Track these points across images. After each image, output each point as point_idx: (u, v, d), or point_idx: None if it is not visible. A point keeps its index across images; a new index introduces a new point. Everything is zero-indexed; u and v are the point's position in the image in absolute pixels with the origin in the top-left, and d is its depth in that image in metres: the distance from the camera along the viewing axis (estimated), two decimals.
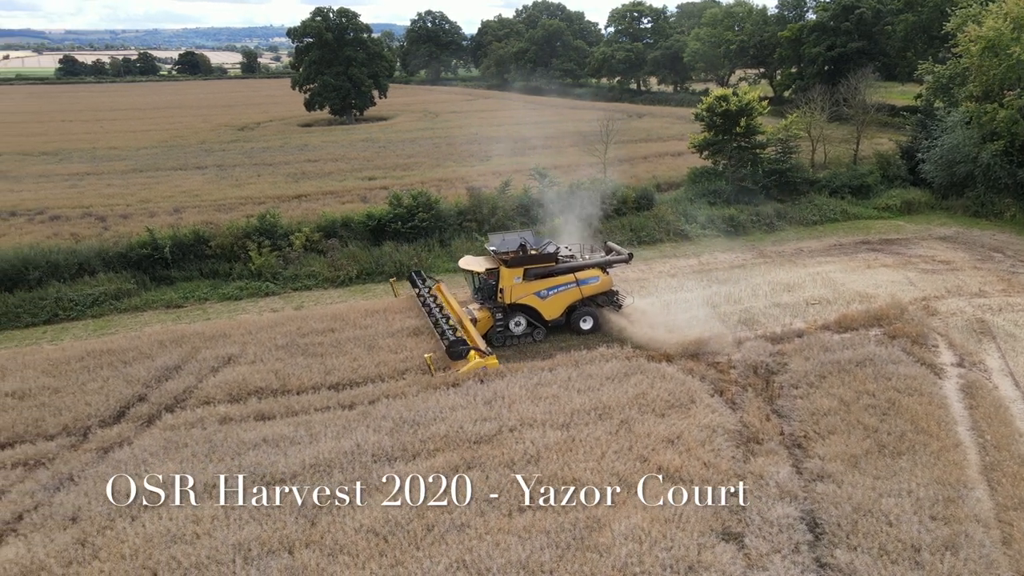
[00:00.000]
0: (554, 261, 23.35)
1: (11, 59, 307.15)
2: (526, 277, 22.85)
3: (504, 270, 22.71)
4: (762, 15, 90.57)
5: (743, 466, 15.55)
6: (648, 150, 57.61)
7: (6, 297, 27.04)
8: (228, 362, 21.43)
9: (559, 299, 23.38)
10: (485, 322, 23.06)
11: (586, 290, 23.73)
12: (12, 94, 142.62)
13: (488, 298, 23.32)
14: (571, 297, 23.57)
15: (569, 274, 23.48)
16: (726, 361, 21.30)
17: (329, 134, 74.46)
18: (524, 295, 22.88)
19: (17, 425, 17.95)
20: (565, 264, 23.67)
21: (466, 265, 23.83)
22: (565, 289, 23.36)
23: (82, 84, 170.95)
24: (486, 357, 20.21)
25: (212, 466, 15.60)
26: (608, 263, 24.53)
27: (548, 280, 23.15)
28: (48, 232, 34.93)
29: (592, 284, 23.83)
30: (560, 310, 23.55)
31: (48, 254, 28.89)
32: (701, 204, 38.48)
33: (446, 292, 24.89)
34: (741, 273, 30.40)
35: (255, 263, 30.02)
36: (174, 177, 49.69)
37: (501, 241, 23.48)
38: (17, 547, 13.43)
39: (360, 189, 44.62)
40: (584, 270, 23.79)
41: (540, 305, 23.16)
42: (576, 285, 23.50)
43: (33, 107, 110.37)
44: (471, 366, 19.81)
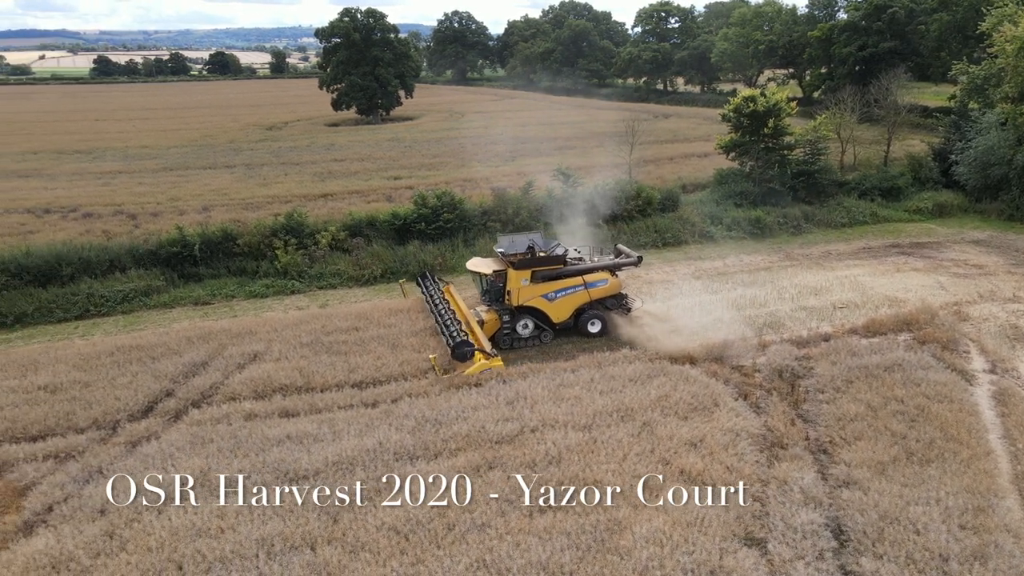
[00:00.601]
0: (562, 263, 23.19)
1: (47, 59, 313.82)
2: (534, 279, 22.75)
3: (511, 272, 22.61)
4: (792, 15, 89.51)
5: (767, 471, 15.38)
6: (674, 151, 57.23)
7: (40, 292, 27.64)
8: (254, 359, 21.69)
9: (567, 302, 23.24)
10: (492, 324, 22.98)
11: (594, 293, 23.58)
12: (48, 94, 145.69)
13: (495, 300, 23.20)
14: (579, 300, 23.43)
15: (577, 276, 23.34)
16: (751, 364, 21.08)
17: (355, 134, 75.02)
18: (531, 297, 22.79)
19: (49, 418, 18.34)
20: (573, 267, 23.50)
21: (473, 267, 23.79)
22: (573, 292, 23.21)
23: (115, 84, 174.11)
24: (491, 359, 20.13)
25: (237, 462, 15.80)
26: (617, 266, 24.34)
27: (556, 282, 23.01)
28: (81, 229, 35.62)
29: (601, 287, 23.66)
30: (568, 313, 23.41)
31: (81, 251, 29.47)
32: (727, 206, 38.14)
33: (454, 294, 24.92)
34: (767, 276, 30.07)
35: (281, 261, 30.35)
36: (203, 176, 50.40)
37: (510, 243, 23.36)
38: (47, 538, 13.71)
39: (385, 188, 44.89)
40: (592, 273, 23.64)
41: (548, 307, 23.05)
42: (584, 288, 23.37)
43: (68, 106, 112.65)
44: (475, 368, 19.75)
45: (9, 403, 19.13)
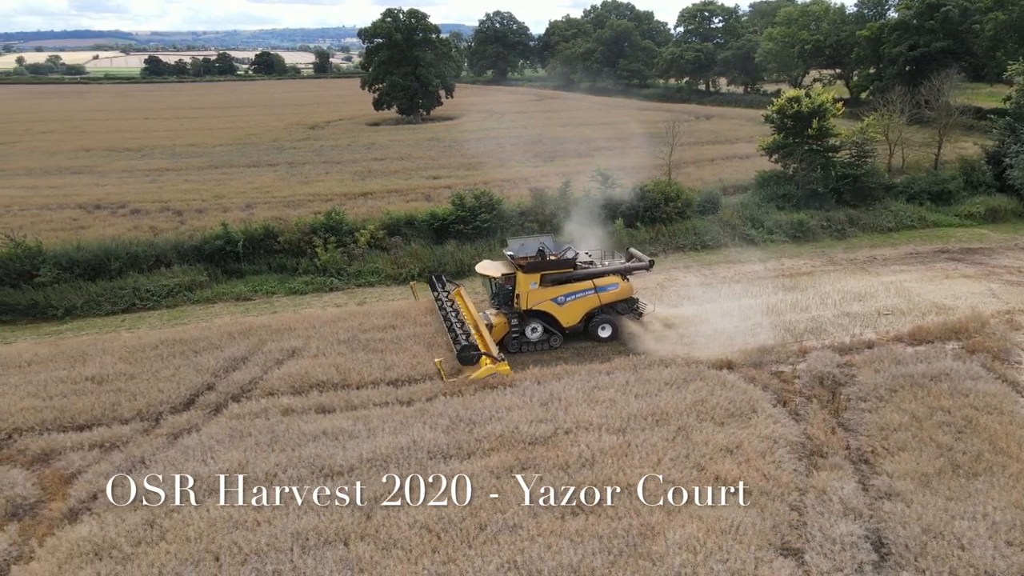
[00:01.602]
0: (572, 267, 22.94)
1: (100, 59, 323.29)
2: (543, 283, 22.54)
3: (520, 275, 22.43)
4: (840, 14, 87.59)
5: (805, 479, 15.06)
6: (715, 152, 56.50)
7: (89, 286, 28.46)
8: (292, 355, 22.01)
9: (577, 306, 22.98)
10: (501, 328, 22.85)
11: (605, 297, 23.27)
12: (101, 93, 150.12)
13: (504, 303, 23.05)
14: (589, 304, 23.14)
15: (587, 280, 23.06)
16: (790, 371, 20.68)
17: (396, 133, 75.70)
18: (541, 301, 22.58)
19: (95, 408, 18.87)
20: (583, 270, 23.23)
21: (483, 270, 23.60)
22: (583, 296, 22.95)
23: (165, 84, 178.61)
24: (498, 363, 19.97)
25: (273, 456, 16.05)
26: (628, 270, 24.04)
27: (565, 286, 22.79)
28: (129, 225, 36.60)
29: (611, 291, 23.36)
30: (578, 317, 23.13)
31: (128, 246, 30.30)
32: (768, 208, 37.50)
33: (464, 297, 24.90)
34: (809, 280, 29.48)
35: (321, 259, 30.77)
36: (247, 174, 51.37)
37: (520, 246, 23.23)
38: (91, 525, 14.09)
39: (424, 188, 45.19)
40: (603, 277, 23.35)
41: (557, 311, 22.80)
42: (594, 292, 23.09)
43: (119, 105, 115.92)
44: (481, 372, 19.59)
45: (58, 393, 19.74)
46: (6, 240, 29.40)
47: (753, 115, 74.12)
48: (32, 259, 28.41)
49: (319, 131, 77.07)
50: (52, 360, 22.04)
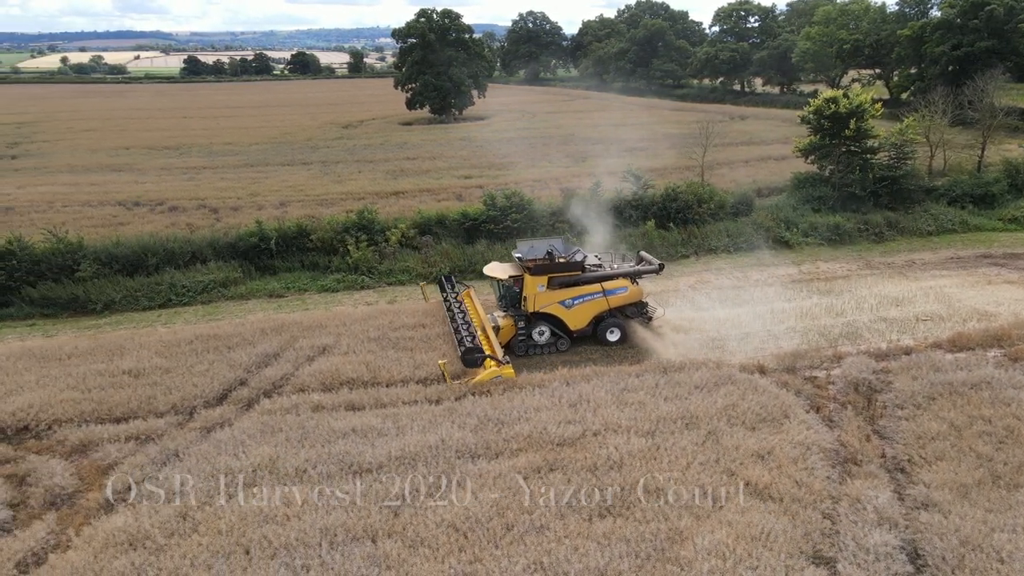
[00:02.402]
0: (580, 270, 22.73)
1: (141, 59, 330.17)
2: (550, 285, 22.38)
3: (528, 278, 22.30)
4: (880, 12, 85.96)
5: (838, 487, 14.77)
6: (749, 153, 55.80)
7: (127, 281, 29.08)
8: (323, 352, 22.22)
9: (585, 309, 22.77)
10: (508, 330, 22.71)
11: (613, 300, 22.98)
12: (141, 92, 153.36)
13: (512, 306, 22.94)
14: (598, 307, 22.90)
15: (596, 284, 22.81)
16: (824, 376, 20.32)
17: (428, 133, 76.10)
18: (548, 304, 22.40)
19: (132, 401, 19.25)
20: (592, 273, 22.98)
21: (490, 272, 23.47)
22: (591, 299, 22.73)
23: (203, 83, 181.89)
24: (502, 366, 19.78)
25: (304, 452, 16.22)
26: (637, 273, 23.66)
27: (573, 289, 22.60)
28: (167, 222, 37.33)
29: (620, 294, 23.04)
30: (586, 320, 22.90)
31: (166, 242, 30.90)
32: (804, 211, 36.90)
33: (473, 298, 24.82)
34: (845, 284, 28.95)
35: (352, 257, 31.04)
36: (282, 172, 52.06)
37: (529, 248, 23.02)
38: (126, 516, 14.37)
39: (456, 187, 45.35)
40: (612, 280, 23.05)
41: (565, 315, 22.59)
42: (603, 295, 22.83)
43: (159, 104, 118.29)
44: (485, 375, 19.48)
45: (96, 385, 20.18)
46: (49, 235, 30.17)
47: (789, 116, 73.07)
48: (73, 254, 29.12)
49: (352, 130, 77.80)
50: (91, 353, 22.54)
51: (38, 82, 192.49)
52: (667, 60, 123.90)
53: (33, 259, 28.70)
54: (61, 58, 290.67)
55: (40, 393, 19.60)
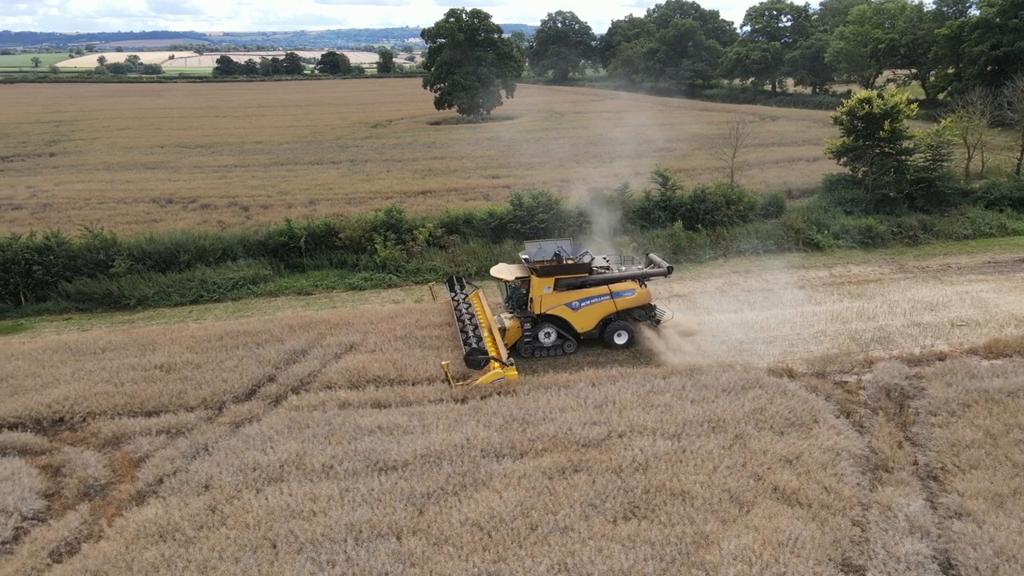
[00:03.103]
0: (587, 272, 22.52)
1: (176, 59, 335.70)
2: (557, 287, 22.23)
3: (534, 279, 22.20)
4: (917, 11, 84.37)
5: (869, 494, 14.52)
6: (780, 155, 55.10)
7: (159, 277, 29.57)
8: (350, 349, 22.39)
9: (592, 311, 22.58)
10: (514, 332, 22.63)
11: (621, 303, 22.78)
12: (175, 91, 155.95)
13: (518, 307, 22.87)
14: (605, 310, 22.72)
15: (603, 286, 22.63)
16: (855, 381, 19.98)
17: (456, 132, 76.34)
18: (555, 306, 22.28)
19: (163, 395, 19.59)
20: (599, 276, 22.78)
21: (497, 273, 23.41)
22: (598, 301, 22.55)
23: (235, 83, 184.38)
24: (506, 368, 19.69)
25: (330, 448, 16.35)
26: (645, 276, 23.41)
27: (580, 291, 22.44)
28: (199, 219, 37.90)
29: (627, 297, 22.84)
30: (593, 323, 22.73)
31: (197, 239, 31.37)
32: (836, 213, 36.34)
33: (482, 299, 24.79)
34: (877, 288, 28.45)
35: (380, 255, 31.24)
36: (311, 171, 52.57)
37: (537, 249, 22.85)
38: (156, 508, 14.62)
39: (483, 187, 45.43)
40: (619, 282, 22.83)
41: (571, 317, 22.44)
42: (610, 298, 22.65)
43: (192, 103, 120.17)
44: (488, 377, 19.46)
45: (129, 379, 20.56)
46: (85, 232, 30.80)
47: (821, 117, 72.06)
48: (108, 250, 29.70)
49: (381, 129, 78.32)
50: (124, 348, 22.96)
51: (76, 81, 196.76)
52: (697, 60, 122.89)
53: (70, 255, 29.33)
54: (98, 58, 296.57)
55: (75, 386, 20.01)
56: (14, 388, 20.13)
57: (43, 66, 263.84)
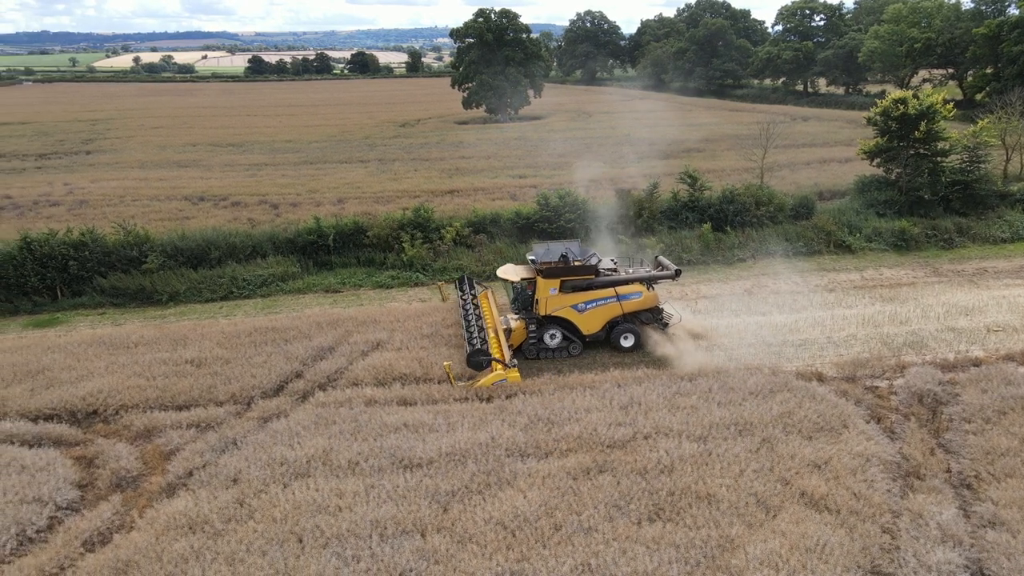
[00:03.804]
0: (593, 274, 22.45)
1: (208, 59, 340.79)
2: (563, 289, 22.17)
3: (540, 281, 22.18)
4: (954, 10, 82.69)
5: (899, 501, 14.27)
6: (811, 155, 54.38)
7: (191, 273, 30.05)
8: (376, 347, 22.54)
9: (598, 313, 22.49)
10: (520, 333, 22.66)
11: (627, 306, 22.65)
12: (208, 91, 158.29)
13: (524, 308, 22.87)
14: (611, 312, 22.60)
15: (609, 288, 22.51)
16: (886, 386, 19.65)
17: (484, 132, 76.49)
18: (560, 307, 22.22)
19: (193, 390, 19.90)
20: (606, 278, 22.69)
21: (503, 274, 23.43)
22: (604, 303, 22.44)
23: (266, 82, 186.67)
24: (508, 370, 19.71)
25: (356, 445, 16.48)
26: (652, 278, 23.21)
27: (586, 293, 22.34)
28: (229, 216, 38.44)
29: (634, 300, 22.70)
30: (599, 325, 22.65)
31: (228, 236, 31.82)
32: (868, 215, 35.75)
33: (491, 299, 24.78)
34: (910, 292, 27.94)
35: (407, 254, 31.42)
36: (340, 169, 53.06)
37: (545, 251, 22.83)
38: (186, 500, 14.86)
39: (510, 186, 45.47)
40: (626, 285, 22.70)
41: (577, 319, 22.37)
42: (616, 300, 22.51)
43: (224, 103, 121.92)
44: (489, 379, 19.49)
45: (161, 373, 20.92)
46: (119, 228, 31.40)
47: (853, 117, 70.95)
48: (141, 246, 30.25)
49: (409, 129, 78.77)
50: (156, 342, 23.37)
51: (112, 81, 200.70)
52: (727, 60, 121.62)
53: (104, 250, 29.93)
54: (133, 58, 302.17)
55: (109, 379, 20.41)
56: (50, 380, 20.60)
57: (80, 66, 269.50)
